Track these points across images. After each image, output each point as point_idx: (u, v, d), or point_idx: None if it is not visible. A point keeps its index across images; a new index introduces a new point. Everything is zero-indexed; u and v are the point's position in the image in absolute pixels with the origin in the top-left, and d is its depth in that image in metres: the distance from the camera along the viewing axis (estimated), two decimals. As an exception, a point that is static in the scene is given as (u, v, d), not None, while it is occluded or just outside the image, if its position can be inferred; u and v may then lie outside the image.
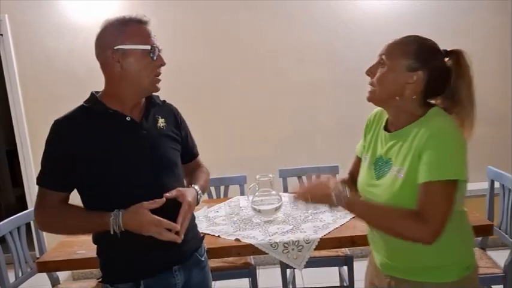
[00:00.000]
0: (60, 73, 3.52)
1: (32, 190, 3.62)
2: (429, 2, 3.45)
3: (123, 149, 1.41)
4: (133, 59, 1.39)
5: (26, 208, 3.16)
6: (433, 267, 1.36)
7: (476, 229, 2.13)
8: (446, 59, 1.36)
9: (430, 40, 1.37)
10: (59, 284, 2.49)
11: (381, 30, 3.40)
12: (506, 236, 2.35)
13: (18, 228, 2.36)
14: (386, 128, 1.45)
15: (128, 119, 1.44)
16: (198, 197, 1.55)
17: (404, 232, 1.28)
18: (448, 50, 1.36)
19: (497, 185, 2.50)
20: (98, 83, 1.48)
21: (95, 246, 1.57)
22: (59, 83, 3.53)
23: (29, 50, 3.53)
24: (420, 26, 3.41)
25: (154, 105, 1.53)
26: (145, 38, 1.41)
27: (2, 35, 3.49)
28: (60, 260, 2.15)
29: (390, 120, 1.44)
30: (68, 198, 1.46)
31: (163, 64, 1.45)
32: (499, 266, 2.30)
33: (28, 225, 2.46)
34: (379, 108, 1.53)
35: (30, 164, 3.59)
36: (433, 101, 1.40)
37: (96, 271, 1.55)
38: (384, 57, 1.36)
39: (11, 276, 2.29)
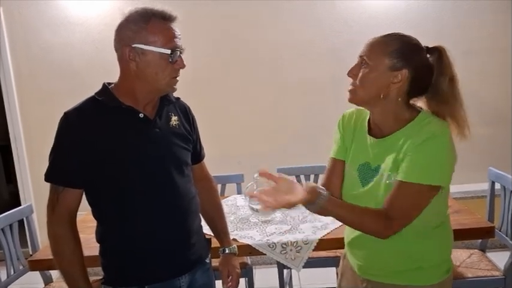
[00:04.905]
0: (56, 67, 3.47)
1: (25, 187, 3.54)
2: (430, 1, 3.42)
3: (135, 146, 1.37)
4: (150, 60, 1.32)
5: (19, 205, 3.09)
6: (415, 269, 1.35)
7: (478, 231, 2.13)
8: (428, 56, 1.32)
9: (413, 38, 1.33)
10: (52, 282, 2.45)
11: (382, 29, 3.36)
12: (507, 238, 2.32)
13: (11, 225, 2.32)
14: (370, 132, 1.40)
15: (141, 115, 1.38)
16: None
17: (364, 225, 1.28)
18: (430, 46, 1.32)
19: (497, 186, 2.47)
20: (95, 78, 1.45)
21: (89, 245, 1.53)
22: (55, 77, 3.48)
23: (24, 44, 3.47)
24: (421, 25, 3.38)
25: (168, 102, 1.48)
26: (167, 39, 1.32)
27: (-4, 28, 3.45)
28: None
29: (375, 123, 1.39)
30: (77, 209, 1.40)
31: (182, 67, 1.37)
32: (499, 268, 2.27)
33: (21, 222, 2.42)
34: (351, 110, 1.48)
35: (24, 160, 3.50)
36: (418, 104, 1.35)
37: (91, 270, 1.51)
38: (365, 57, 1.32)
39: (3, 274, 2.25)
